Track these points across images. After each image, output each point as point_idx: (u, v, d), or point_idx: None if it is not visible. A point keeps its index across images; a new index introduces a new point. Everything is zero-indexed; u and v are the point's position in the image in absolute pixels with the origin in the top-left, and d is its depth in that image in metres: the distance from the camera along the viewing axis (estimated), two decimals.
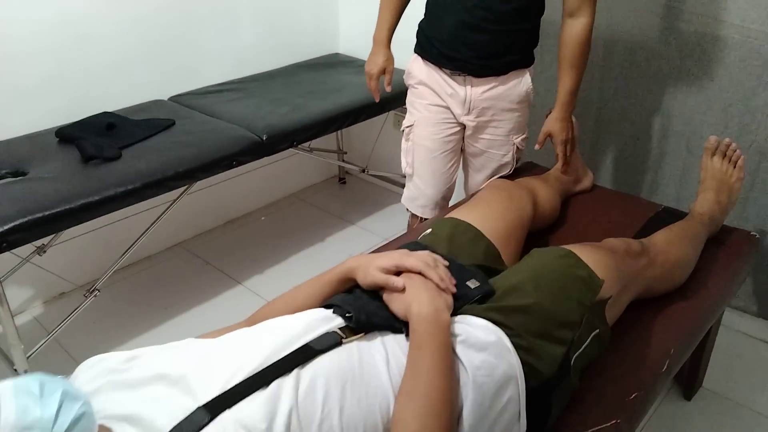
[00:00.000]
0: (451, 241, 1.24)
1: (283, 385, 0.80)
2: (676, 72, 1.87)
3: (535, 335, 0.99)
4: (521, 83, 1.65)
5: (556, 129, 1.64)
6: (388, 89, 1.80)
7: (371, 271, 0.96)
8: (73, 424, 0.68)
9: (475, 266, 1.19)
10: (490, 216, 1.34)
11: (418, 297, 0.91)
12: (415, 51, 1.71)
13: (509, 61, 1.61)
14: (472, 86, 1.62)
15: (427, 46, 1.64)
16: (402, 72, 2.29)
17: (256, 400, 0.78)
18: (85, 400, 0.71)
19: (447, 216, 1.36)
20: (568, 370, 1.01)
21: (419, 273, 0.95)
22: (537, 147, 1.67)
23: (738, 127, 1.80)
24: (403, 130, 1.77)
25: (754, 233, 1.59)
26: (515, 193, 1.45)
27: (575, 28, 1.54)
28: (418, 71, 1.69)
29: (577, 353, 1.03)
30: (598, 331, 1.08)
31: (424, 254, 0.99)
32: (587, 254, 1.14)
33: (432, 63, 1.64)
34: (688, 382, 1.73)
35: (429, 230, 1.32)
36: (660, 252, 1.32)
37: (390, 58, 1.77)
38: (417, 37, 1.70)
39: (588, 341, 1.06)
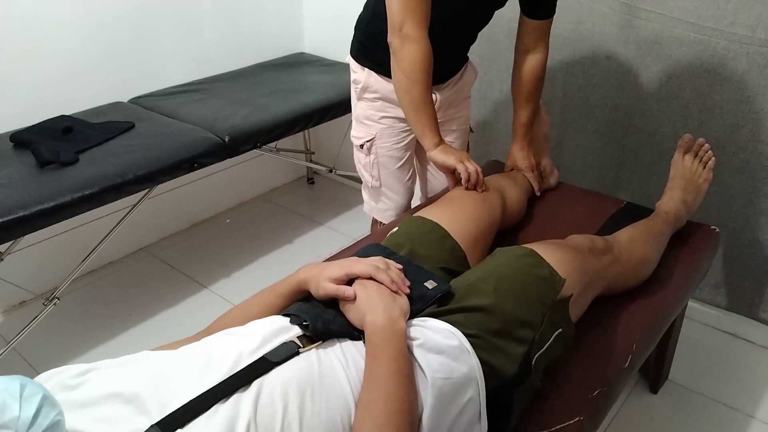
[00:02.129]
0: (416, 241, 1.23)
1: (241, 399, 0.78)
2: (635, 69, 1.89)
3: (495, 335, 0.99)
4: (469, 69, 1.72)
5: (519, 160, 1.68)
6: (480, 190, 1.45)
7: (322, 283, 0.95)
8: (48, 429, 0.68)
9: (439, 268, 1.19)
10: (463, 218, 1.32)
11: (372, 306, 0.90)
12: (369, 68, 1.61)
13: (465, 58, 1.70)
14: (439, 92, 1.63)
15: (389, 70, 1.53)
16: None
17: (213, 416, 0.76)
18: (60, 410, 0.72)
19: (417, 215, 1.34)
20: (530, 370, 1.01)
21: (370, 278, 0.94)
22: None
23: (697, 123, 1.83)
24: (362, 145, 1.69)
25: (714, 228, 1.62)
26: (488, 196, 1.43)
27: (533, 63, 1.59)
28: (379, 86, 1.60)
29: (539, 352, 1.03)
30: (561, 330, 1.08)
31: (375, 259, 0.99)
32: (549, 253, 1.14)
33: None
34: (655, 375, 1.75)
35: (396, 229, 1.31)
36: (624, 250, 1.32)
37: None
38: (372, 57, 1.59)
39: (551, 340, 1.06)
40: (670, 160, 1.93)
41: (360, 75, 1.64)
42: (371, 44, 1.58)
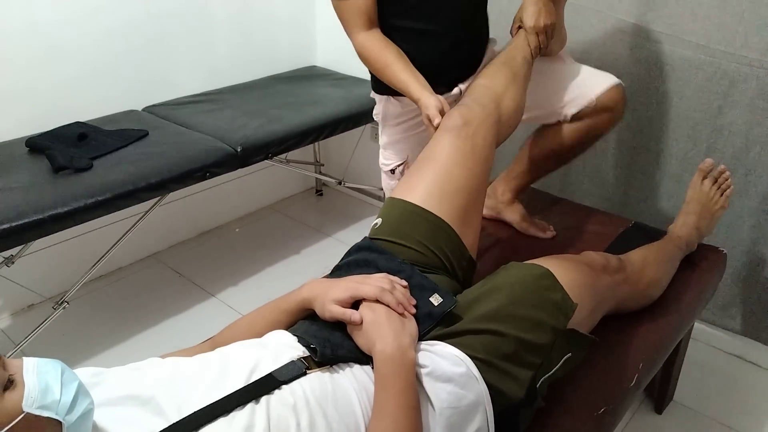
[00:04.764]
0: (405, 237, 1.14)
1: (255, 411, 0.79)
2: (645, 90, 1.90)
3: (505, 359, 0.97)
4: (490, 45, 1.62)
5: (527, 17, 1.41)
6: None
7: (328, 305, 0.93)
8: (82, 416, 0.72)
9: (436, 257, 1.14)
10: (450, 191, 1.17)
11: (382, 334, 0.88)
12: (387, 93, 1.56)
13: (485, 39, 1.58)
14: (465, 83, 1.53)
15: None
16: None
17: (231, 422, 0.77)
18: (92, 399, 0.75)
19: (400, 197, 1.19)
20: (535, 393, 1.00)
21: (376, 300, 0.93)
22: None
23: (706, 144, 1.83)
24: (392, 170, 1.66)
25: (722, 249, 1.62)
26: (479, 138, 1.21)
27: None
28: (396, 110, 1.58)
29: (545, 376, 1.02)
30: (570, 354, 1.07)
31: (380, 278, 0.97)
32: (564, 273, 1.10)
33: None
34: (659, 395, 1.74)
35: (379, 220, 1.20)
36: (636, 270, 1.32)
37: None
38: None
39: (558, 365, 1.05)
40: (678, 180, 1.94)
41: (379, 106, 1.64)
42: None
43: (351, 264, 1.11)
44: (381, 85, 1.58)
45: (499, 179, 1.70)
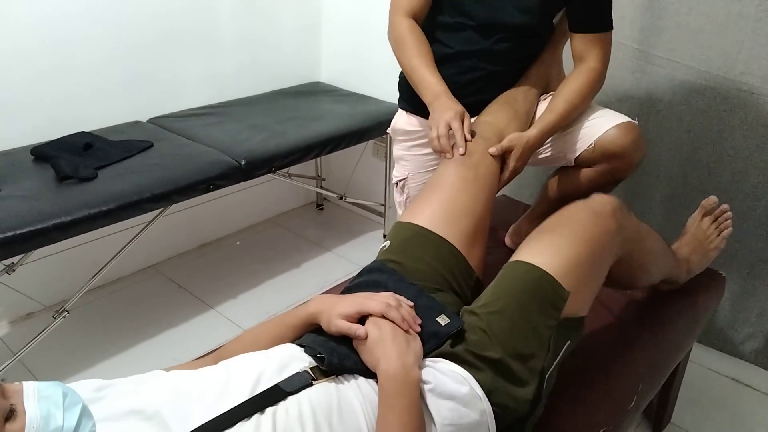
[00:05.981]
0: (414, 257, 1.15)
1: (260, 423, 0.80)
2: (646, 114, 1.93)
3: (508, 380, 0.97)
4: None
5: (521, 143, 1.33)
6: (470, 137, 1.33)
7: (334, 320, 0.93)
8: None
9: (443, 277, 1.14)
10: (456, 215, 1.19)
11: (386, 352, 0.89)
12: (402, 108, 1.65)
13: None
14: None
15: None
16: (377, 101, 2.28)
17: None
18: (94, 421, 0.75)
19: (407, 220, 1.22)
20: (541, 396, 1.00)
21: (382, 316, 0.93)
22: (492, 150, 1.32)
23: (705, 169, 1.85)
24: (397, 183, 1.73)
25: (721, 272, 1.63)
26: (482, 167, 1.25)
27: (579, 70, 1.43)
28: (404, 124, 1.65)
29: (549, 372, 1.01)
30: (570, 342, 1.05)
31: (386, 295, 0.98)
32: (558, 253, 1.04)
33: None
34: (657, 418, 1.74)
35: (388, 243, 1.22)
36: (644, 229, 1.25)
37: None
38: (404, 93, 1.62)
39: (560, 356, 1.03)
40: (677, 203, 1.96)
41: (394, 120, 1.69)
42: (402, 80, 1.59)
43: (361, 285, 1.12)
44: (403, 99, 1.64)
45: (523, 217, 1.65)
